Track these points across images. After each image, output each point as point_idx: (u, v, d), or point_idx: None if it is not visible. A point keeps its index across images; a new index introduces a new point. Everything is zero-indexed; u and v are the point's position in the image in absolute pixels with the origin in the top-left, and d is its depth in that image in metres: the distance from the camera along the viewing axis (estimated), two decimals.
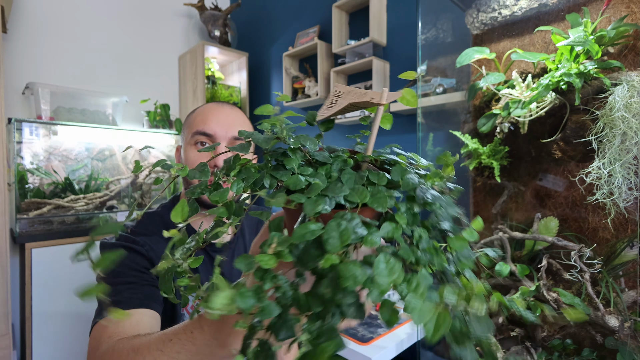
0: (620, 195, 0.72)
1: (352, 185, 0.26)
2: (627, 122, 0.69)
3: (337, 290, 0.22)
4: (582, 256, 0.79)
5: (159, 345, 0.39)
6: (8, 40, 1.84)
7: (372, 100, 0.31)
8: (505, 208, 1.04)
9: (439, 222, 0.28)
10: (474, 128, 1.01)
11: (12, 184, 1.61)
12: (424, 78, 1.25)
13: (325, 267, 0.22)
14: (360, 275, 0.21)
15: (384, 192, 0.26)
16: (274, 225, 0.26)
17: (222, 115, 0.72)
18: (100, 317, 0.59)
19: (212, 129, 0.70)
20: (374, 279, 0.22)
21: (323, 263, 0.22)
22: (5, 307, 1.26)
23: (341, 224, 0.23)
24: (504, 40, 1.05)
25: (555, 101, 0.82)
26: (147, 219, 0.76)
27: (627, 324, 0.72)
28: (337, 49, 1.78)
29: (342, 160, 0.29)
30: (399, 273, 0.22)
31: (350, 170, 0.28)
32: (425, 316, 0.21)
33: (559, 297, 0.79)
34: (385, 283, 0.21)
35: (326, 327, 0.22)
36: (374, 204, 0.25)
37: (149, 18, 2.38)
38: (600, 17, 0.84)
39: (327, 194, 0.25)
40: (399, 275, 0.22)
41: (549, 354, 0.86)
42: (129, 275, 0.64)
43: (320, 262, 0.22)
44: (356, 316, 0.22)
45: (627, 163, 0.71)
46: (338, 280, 0.21)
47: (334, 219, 0.23)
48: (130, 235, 0.70)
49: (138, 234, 0.71)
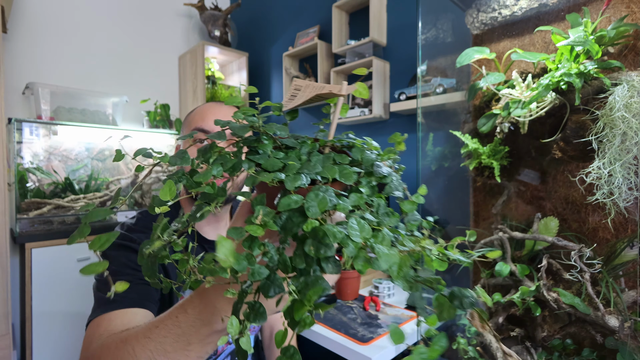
0: (620, 195, 0.72)
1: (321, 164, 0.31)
2: (627, 122, 0.69)
3: (320, 246, 0.26)
4: (582, 256, 0.79)
5: (146, 332, 0.41)
6: (8, 40, 1.84)
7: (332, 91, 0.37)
8: (505, 208, 1.04)
9: (392, 191, 0.34)
10: (474, 128, 1.01)
11: (12, 184, 1.61)
12: (424, 78, 1.25)
13: (308, 230, 0.27)
14: (339, 233, 0.26)
15: (350, 169, 0.31)
16: (258, 201, 0.29)
17: (221, 113, 0.74)
18: (95, 315, 0.59)
19: (210, 126, 0.72)
20: (350, 235, 0.26)
21: (306, 227, 0.27)
22: (5, 307, 1.26)
23: (318, 194, 0.28)
24: (504, 40, 1.05)
25: (555, 101, 0.82)
26: (146, 216, 0.76)
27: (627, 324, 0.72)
28: (337, 49, 1.78)
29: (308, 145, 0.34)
30: (368, 230, 0.27)
31: (317, 153, 0.33)
32: (391, 260, 0.26)
33: (559, 297, 0.79)
34: (359, 238, 0.26)
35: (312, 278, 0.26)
36: (343, 179, 0.31)
37: (149, 18, 2.38)
38: (600, 17, 0.84)
39: (302, 172, 0.30)
40: (369, 232, 0.27)
41: (549, 354, 0.86)
42: (124, 274, 0.64)
43: (303, 226, 0.27)
44: (334, 270, 0.27)
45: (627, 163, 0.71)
46: (321, 238, 0.26)
47: (312, 191, 0.28)
48: (127, 233, 0.70)
49: (136, 231, 0.71)
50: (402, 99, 1.52)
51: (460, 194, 1.17)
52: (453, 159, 1.13)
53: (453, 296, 0.26)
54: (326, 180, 0.31)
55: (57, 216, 1.72)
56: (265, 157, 0.32)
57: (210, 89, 2.33)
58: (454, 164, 1.13)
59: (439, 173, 1.17)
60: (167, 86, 2.47)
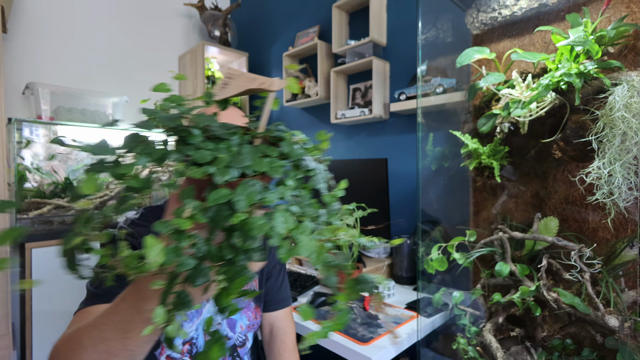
0: (620, 195, 0.72)
1: (251, 157, 0.32)
2: (627, 122, 0.69)
3: (247, 238, 0.28)
4: (582, 256, 0.79)
5: (94, 321, 0.42)
6: (8, 40, 1.84)
7: (263, 86, 0.37)
8: (505, 208, 1.04)
9: (317, 184, 0.36)
10: (474, 128, 1.01)
11: (12, 184, 1.61)
12: (424, 78, 1.25)
13: (235, 223, 0.28)
14: (264, 225, 0.28)
15: (278, 162, 0.33)
16: (186, 193, 0.29)
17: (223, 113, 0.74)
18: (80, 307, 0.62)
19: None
20: (274, 227, 0.29)
21: (233, 220, 0.28)
22: (5, 307, 1.26)
23: (246, 188, 0.29)
24: (504, 40, 1.05)
25: (555, 101, 0.82)
26: (150, 212, 0.76)
27: (627, 324, 0.72)
28: (337, 49, 1.78)
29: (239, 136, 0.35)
30: (292, 222, 0.30)
31: (247, 145, 0.34)
32: (311, 249, 0.29)
33: (559, 297, 0.79)
34: (282, 230, 0.29)
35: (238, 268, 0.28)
36: (271, 172, 0.32)
37: (149, 18, 2.37)
38: (600, 17, 0.84)
39: (232, 165, 0.31)
40: (292, 223, 0.30)
41: (549, 354, 0.86)
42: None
43: (231, 219, 0.28)
44: (260, 259, 0.29)
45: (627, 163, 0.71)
46: (248, 231, 0.28)
47: (240, 185, 0.29)
48: (129, 227, 0.71)
49: (138, 225, 0.72)
50: (402, 99, 1.52)
51: (460, 194, 1.17)
52: (453, 159, 1.13)
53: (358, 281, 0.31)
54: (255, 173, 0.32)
55: (57, 216, 1.72)
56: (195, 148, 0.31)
57: (210, 89, 2.33)
58: (454, 164, 1.13)
59: (439, 173, 1.17)
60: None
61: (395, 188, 1.64)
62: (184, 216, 0.28)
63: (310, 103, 2.00)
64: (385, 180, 1.40)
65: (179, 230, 0.28)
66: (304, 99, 1.95)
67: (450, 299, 1.01)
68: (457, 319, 0.99)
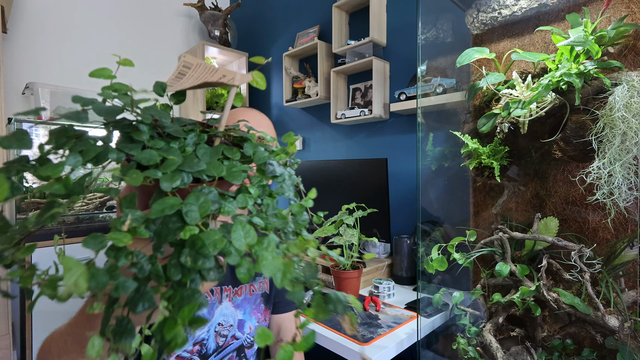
0: (620, 195, 0.72)
1: (208, 159, 0.28)
2: (627, 122, 0.69)
3: (198, 257, 0.23)
4: (582, 256, 0.79)
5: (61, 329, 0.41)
6: (8, 40, 1.84)
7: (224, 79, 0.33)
8: (505, 208, 1.04)
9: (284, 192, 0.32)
10: (474, 128, 1.01)
11: None
12: (424, 78, 1.25)
13: (186, 238, 0.23)
14: (220, 242, 0.24)
15: (239, 167, 0.28)
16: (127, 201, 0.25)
17: (250, 115, 0.77)
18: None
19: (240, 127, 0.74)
20: (232, 243, 0.24)
21: (183, 234, 0.23)
22: (5, 307, 1.26)
23: (200, 197, 0.25)
24: (504, 40, 1.05)
25: (555, 101, 0.82)
26: None
27: (627, 324, 0.72)
28: (337, 49, 1.78)
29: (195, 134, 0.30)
30: (253, 236, 0.25)
31: (205, 145, 0.29)
32: (275, 268, 0.25)
33: (559, 297, 0.79)
34: (242, 246, 0.24)
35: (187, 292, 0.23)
36: (230, 178, 0.27)
37: (149, 18, 2.38)
38: (600, 17, 0.84)
39: (183, 169, 0.26)
40: (253, 238, 0.25)
41: (549, 354, 0.86)
42: None
43: (180, 233, 0.24)
44: (216, 278, 0.25)
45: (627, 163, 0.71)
46: (199, 248, 0.23)
47: (192, 193, 0.25)
48: None
49: None
50: (402, 99, 1.52)
51: (460, 194, 1.17)
52: (453, 159, 1.13)
53: (329, 300, 0.27)
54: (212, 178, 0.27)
55: None
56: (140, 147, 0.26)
57: (210, 89, 2.33)
58: (454, 164, 1.13)
59: (439, 173, 1.17)
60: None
61: (395, 188, 1.64)
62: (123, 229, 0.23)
63: (310, 103, 2.00)
64: (385, 180, 1.41)
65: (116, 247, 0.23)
66: (304, 99, 1.95)
67: (450, 299, 1.01)
68: (457, 319, 0.99)
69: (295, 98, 2.02)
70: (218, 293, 0.76)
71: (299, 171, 1.82)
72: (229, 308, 0.78)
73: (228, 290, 0.77)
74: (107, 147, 0.25)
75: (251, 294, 0.81)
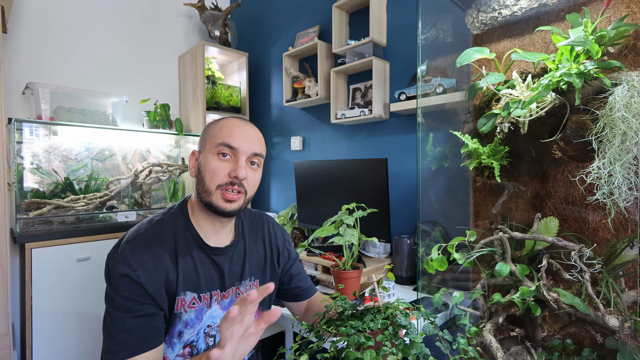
0: (620, 195, 0.72)
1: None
2: (627, 122, 0.69)
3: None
4: (582, 256, 0.79)
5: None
6: (8, 40, 1.84)
7: None
8: (505, 208, 1.04)
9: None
10: (474, 128, 1.01)
11: (12, 184, 1.61)
12: (424, 78, 1.25)
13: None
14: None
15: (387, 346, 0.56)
16: None
17: (246, 132, 0.78)
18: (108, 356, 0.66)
19: (237, 143, 0.75)
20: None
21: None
22: (5, 307, 1.26)
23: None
24: (504, 40, 1.05)
25: (556, 101, 0.82)
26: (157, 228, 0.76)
27: (627, 324, 0.72)
28: (337, 49, 1.78)
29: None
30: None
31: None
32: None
33: (559, 297, 0.79)
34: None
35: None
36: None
37: (149, 18, 2.38)
38: (600, 17, 0.84)
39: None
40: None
41: (549, 354, 0.86)
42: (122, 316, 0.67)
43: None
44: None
45: (627, 163, 0.71)
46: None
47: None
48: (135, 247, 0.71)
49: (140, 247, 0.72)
50: (402, 99, 1.52)
51: (460, 194, 1.17)
52: (453, 159, 1.13)
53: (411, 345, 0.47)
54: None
55: (57, 216, 1.72)
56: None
57: (210, 89, 2.33)
58: (454, 164, 1.13)
59: (439, 173, 1.17)
60: (167, 86, 2.47)
61: (395, 188, 1.64)
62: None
63: (310, 103, 2.00)
64: (385, 180, 1.40)
65: None
66: (304, 99, 1.95)
67: (450, 299, 1.01)
68: (457, 319, 0.99)
69: (295, 98, 2.02)
70: (207, 299, 0.78)
71: (299, 171, 1.83)
72: (217, 310, 0.80)
73: (216, 294, 0.80)
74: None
75: (237, 297, 0.82)
